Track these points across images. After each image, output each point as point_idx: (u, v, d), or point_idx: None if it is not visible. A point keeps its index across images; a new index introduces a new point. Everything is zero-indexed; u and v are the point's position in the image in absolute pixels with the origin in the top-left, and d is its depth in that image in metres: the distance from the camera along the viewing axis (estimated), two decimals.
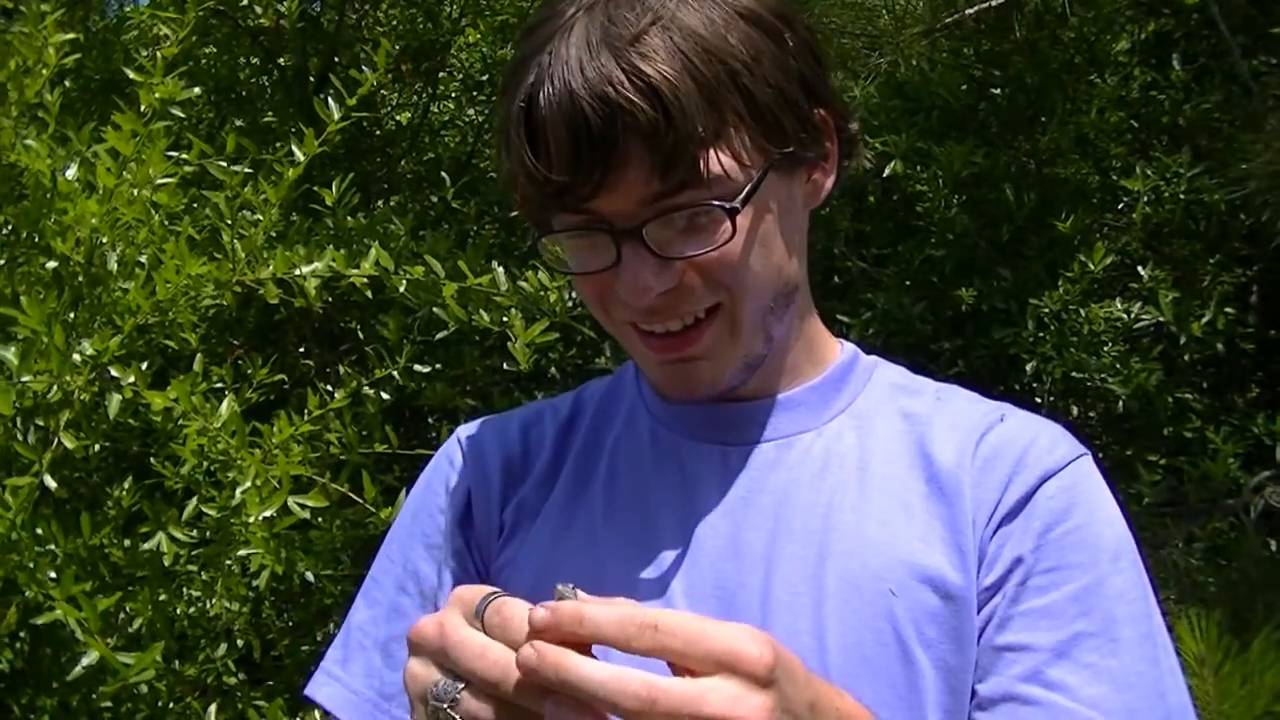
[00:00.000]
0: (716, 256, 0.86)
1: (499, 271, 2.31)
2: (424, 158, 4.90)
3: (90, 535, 2.03)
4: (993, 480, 0.90)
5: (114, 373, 2.01)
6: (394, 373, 2.58)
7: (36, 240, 2.20)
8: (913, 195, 3.60)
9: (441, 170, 4.16)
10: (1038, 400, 3.38)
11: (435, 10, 4.64)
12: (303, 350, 3.71)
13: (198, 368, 2.17)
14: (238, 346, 3.27)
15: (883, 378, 1.01)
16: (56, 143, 2.23)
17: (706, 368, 0.92)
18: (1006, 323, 3.43)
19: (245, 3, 3.79)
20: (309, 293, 2.21)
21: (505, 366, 3.13)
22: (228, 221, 2.23)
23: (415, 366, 2.68)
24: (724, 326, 0.90)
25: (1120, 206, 3.64)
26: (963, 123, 3.74)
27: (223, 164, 2.30)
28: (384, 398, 2.61)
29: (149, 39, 3.84)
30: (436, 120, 5.17)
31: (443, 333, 2.49)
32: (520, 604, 0.69)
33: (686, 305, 0.88)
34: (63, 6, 2.29)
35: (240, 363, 2.58)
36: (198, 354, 2.23)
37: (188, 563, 2.26)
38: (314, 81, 4.20)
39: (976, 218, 3.54)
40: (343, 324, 3.59)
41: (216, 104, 4.33)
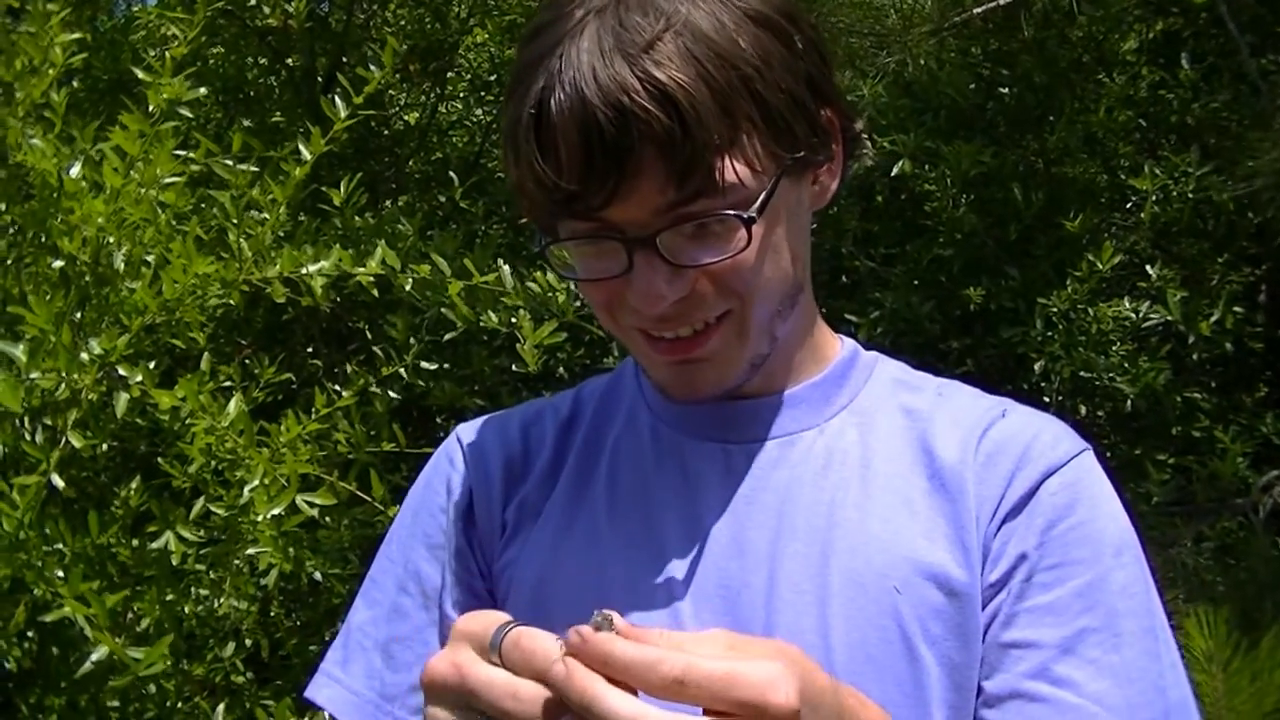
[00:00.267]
0: (730, 265, 0.85)
1: (505, 270, 2.31)
2: (432, 157, 4.92)
3: (98, 534, 2.03)
4: (996, 476, 0.90)
5: (122, 372, 2.02)
6: (401, 371, 2.58)
7: (44, 240, 2.20)
8: (921, 194, 3.61)
9: (449, 170, 4.18)
10: (1046, 399, 3.38)
11: (443, 10, 4.65)
12: (310, 349, 3.73)
13: (205, 367, 2.17)
14: (245, 346, 3.28)
15: (884, 373, 1.01)
16: (63, 142, 2.24)
17: (713, 369, 0.91)
18: (1015, 322, 3.43)
19: (253, 3, 3.81)
20: (316, 292, 2.21)
21: (514, 368, 3.13)
22: (235, 221, 2.23)
23: (423, 364, 2.67)
24: (732, 330, 0.89)
25: (1128, 205, 3.63)
26: (971, 122, 3.74)
27: (230, 163, 2.30)
28: (392, 397, 2.61)
29: (157, 39, 3.85)
30: (444, 120, 5.19)
31: (451, 334, 2.49)
32: (541, 634, 0.66)
33: (698, 313, 0.87)
34: (69, 6, 2.29)
35: (248, 362, 2.58)
36: (205, 353, 2.24)
37: (196, 562, 2.25)
38: (322, 81, 4.22)
39: (984, 217, 3.54)
40: (350, 323, 3.60)
41: (224, 104, 4.35)
